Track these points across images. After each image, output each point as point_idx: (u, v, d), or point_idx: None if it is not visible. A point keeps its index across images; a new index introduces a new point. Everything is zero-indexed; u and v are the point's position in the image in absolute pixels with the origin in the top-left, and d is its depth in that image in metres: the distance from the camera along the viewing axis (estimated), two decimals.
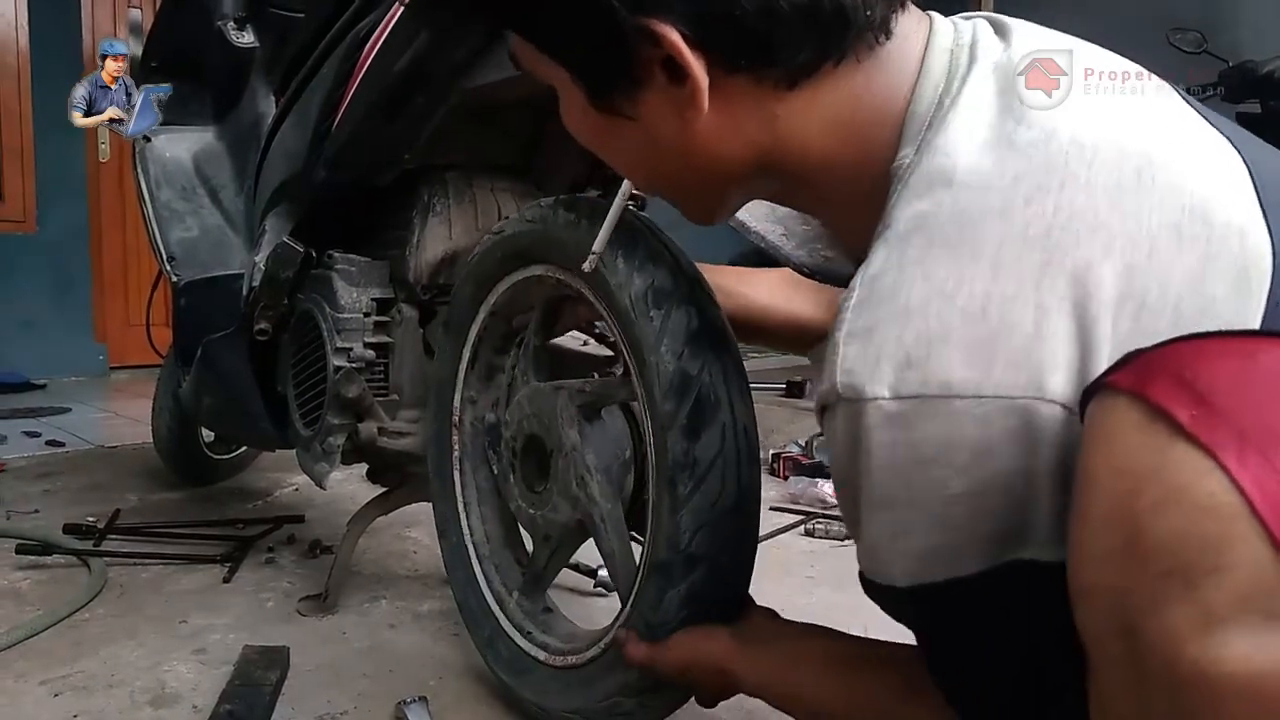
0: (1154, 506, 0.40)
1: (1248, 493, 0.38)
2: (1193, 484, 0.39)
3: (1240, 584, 0.38)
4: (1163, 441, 0.40)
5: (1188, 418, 0.40)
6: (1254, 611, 0.37)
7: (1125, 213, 0.51)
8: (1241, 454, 0.39)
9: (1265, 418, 0.39)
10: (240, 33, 1.93)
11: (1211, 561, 0.38)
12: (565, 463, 1.12)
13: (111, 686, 1.27)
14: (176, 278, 1.96)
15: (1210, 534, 0.38)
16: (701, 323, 0.96)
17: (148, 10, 5.05)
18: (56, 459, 2.82)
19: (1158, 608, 0.39)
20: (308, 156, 1.50)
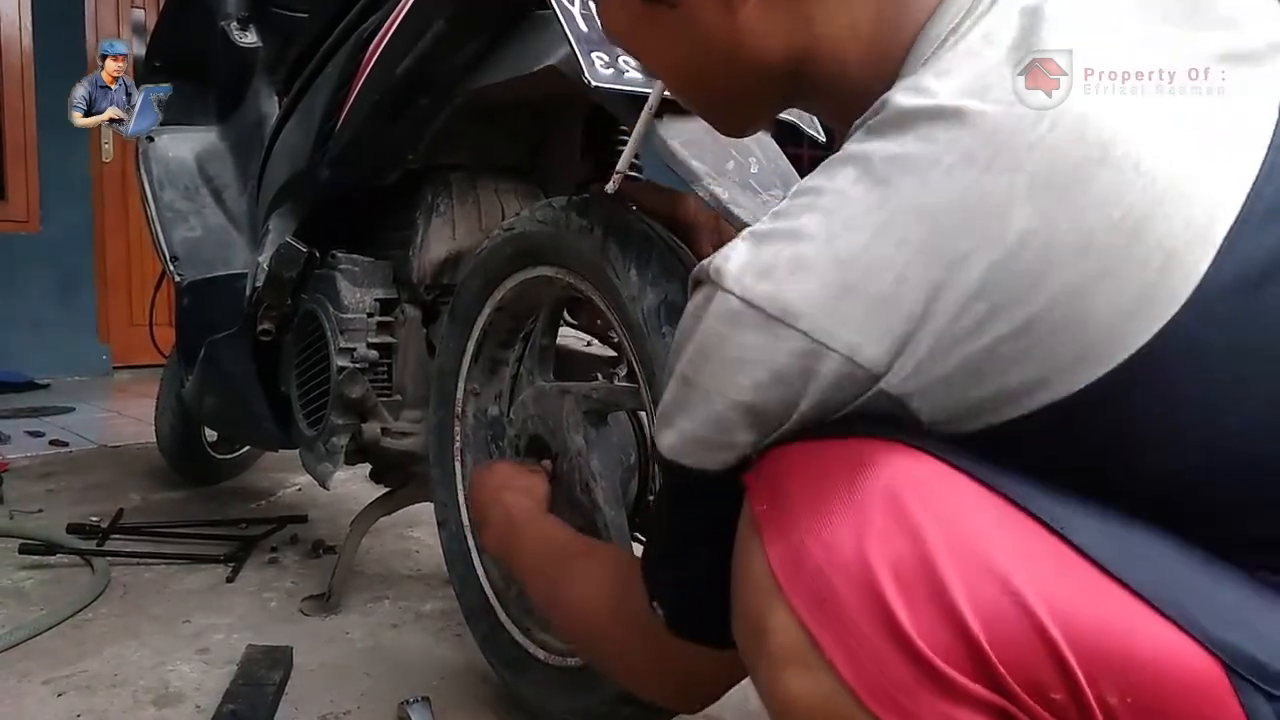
0: (740, 584, 0.53)
1: (774, 571, 0.49)
2: (752, 565, 0.51)
3: (780, 643, 0.49)
4: (748, 534, 0.52)
5: (760, 513, 0.51)
6: (796, 664, 0.48)
7: (1036, 209, 0.49)
8: (775, 538, 0.50)
9: (796, 506, 0.50)
10: (244, 33, 1.93)
11: (762, 627, 0.50)
12: (570, 467, 1.11)
13: (115, 686, 1.28)
14: (180, 277, 1.96)
15: (758, 607, 0.50)
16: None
17: (151, 10, 5.06)
18: (60, 459, 2.83)
19: (753, 662, 0.52)
20: (311, 156, 1.50)
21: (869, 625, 0.46)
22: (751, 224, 0.93)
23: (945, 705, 0.45)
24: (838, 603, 0.47)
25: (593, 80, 0.96)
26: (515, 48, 1.18)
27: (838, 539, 0.48)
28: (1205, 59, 0.55)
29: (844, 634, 0.46)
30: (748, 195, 0.96)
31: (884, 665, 0.45)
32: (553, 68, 1.09)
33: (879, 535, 0.47)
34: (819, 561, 0.48)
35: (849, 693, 0.46)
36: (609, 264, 1.02)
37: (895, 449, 0.50)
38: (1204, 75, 0.57)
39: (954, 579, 0.45)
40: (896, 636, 0.45)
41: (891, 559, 0.46)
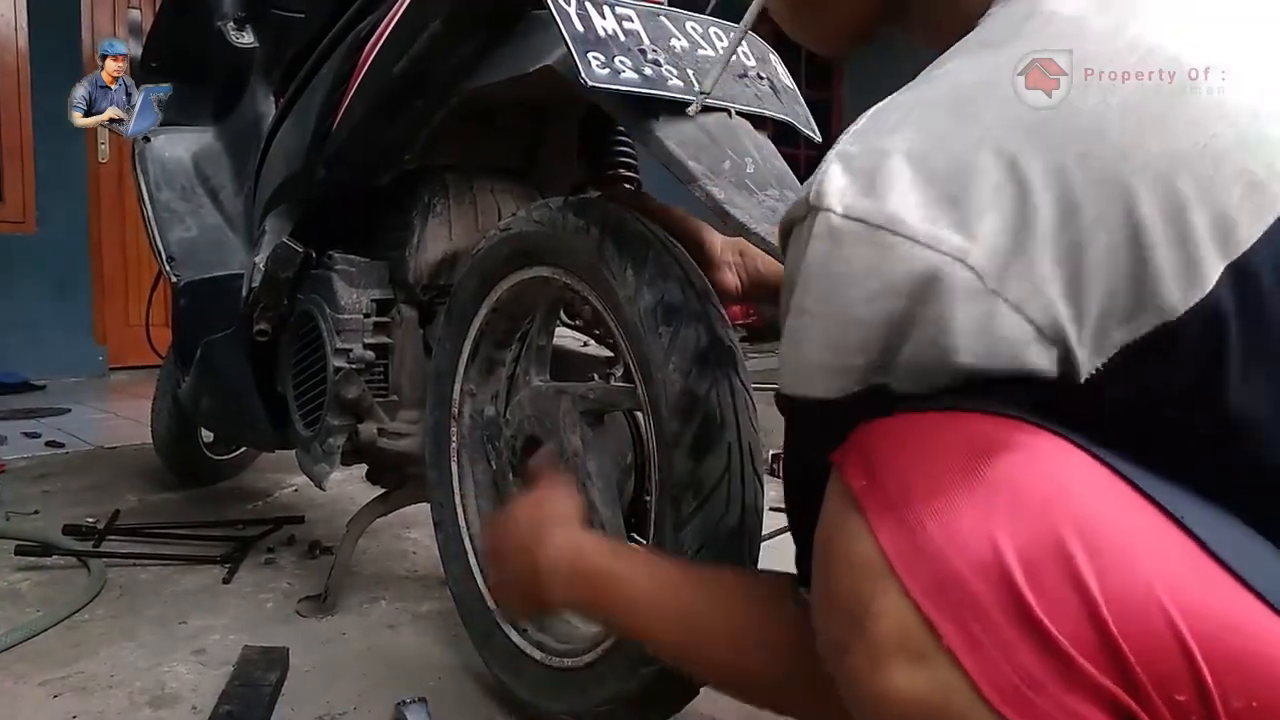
0: (835, 565, 0.49)
1: (885, 552, 0.46)
2: (853, 546, 0.48)
3: (888, 630, 0.46)
4: (844, 511, 0.49)
5: (859, 488, 0.48)
6: (904, 653, 0.45)
7: (1128, 126, 0.50)
8: (883, 517, 0.47)
9: (908, 484, 0.47)
10: (240, 33, 1.93)
11: (867, 611, 0.46)
12: (566, 467, 1.11)
13: (111, 687, 1.27)
14: (176, 278, 1.96)
15: (864, 590, 0.47)
16: (710, 341, 0.95)
17: (147, 11, 5.05)
18: (56, 460, 2.82)
19: (847, 649, 0.48)
20: (307, 157, 1.50)
21: (998, 612, 0.43)
22: (747, 223, 0.93)
23: (1073, 699, 0.42)
24: (962, 587, 0.44)
25: (589, 80, 0.96)
26: (511, 48, 1.18)
27: (962, 520, 0.45)
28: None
29: (968, 621, 0.44)
30: (744, 195, 0.96)
31: (1011, 655, 0.43)
32: (549, 68, 1.10)
33: (1009, 517, 0.44)
34: (941, 543, 0.45)
35: (968, 684, 0.43)
36: (605, 264, 1.02)
37: (1019, 426, 0.47)
38: (1204, 75, 0.58)
39: (1088, 568, 0.43)
40: (1028, 625, 0.43)
41: (1022, 543, 0.44)
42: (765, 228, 0.93)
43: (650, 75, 0.99)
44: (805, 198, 0.56)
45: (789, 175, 1.04)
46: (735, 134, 1.03)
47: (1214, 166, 0.48)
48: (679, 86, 1.00)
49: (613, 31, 1.00)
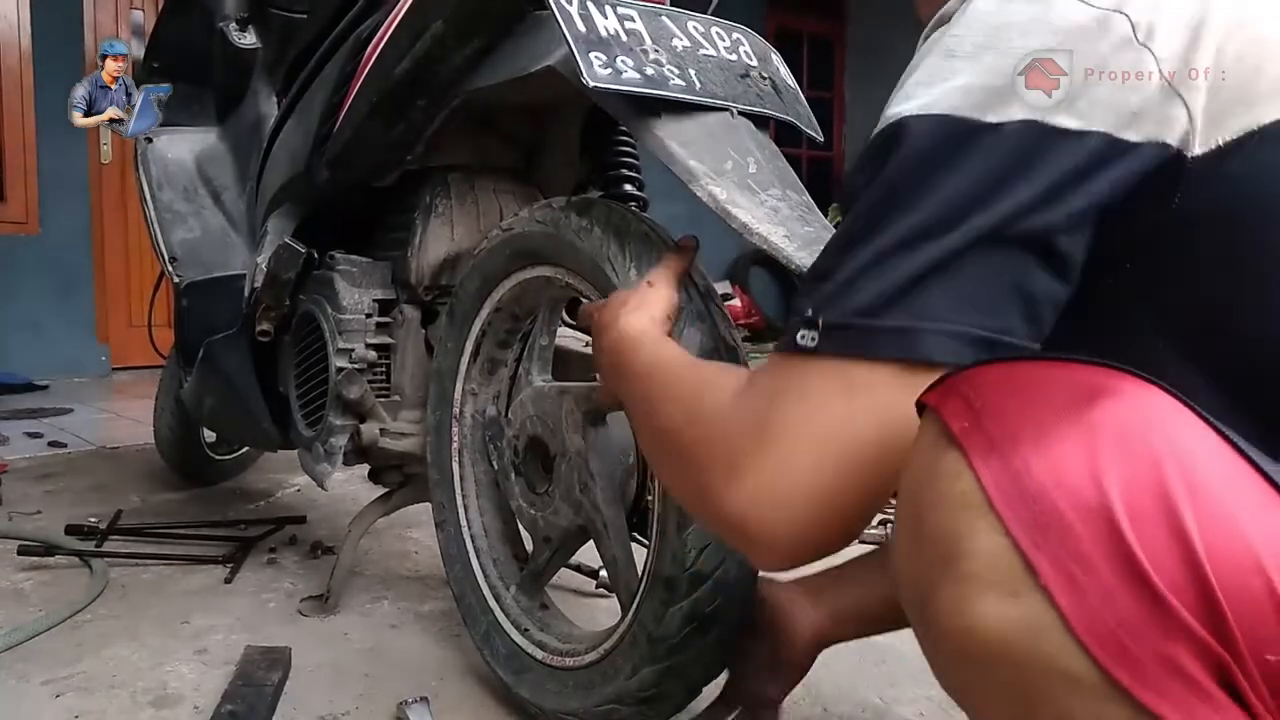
0: (929, 504, 0.48)
1: (987, 490, 0.45)
2: (951, 484, 0.47)
3: (983, 567, 0.45)
4: (941, 450, 0.49)
5: (959, 429, 0.48)
6: (998, 590, 0.45)
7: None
8: (987, 457, 0.46)
9: (1012, 426, 0.47)
10: (242, 34, 1.93)
11: (961, 548, 0.46)
12: (568, 467, 1.12)
13: (113, 687, 1.28)
14: (178, 278, 1.96)
15: (960, 526, 0.46)
16: (714, 341, 0.95)
17: (150, 11, 5.06)
18: (58, 460, 2.82)
19: (935, 587, 0.47)
20: (309, 158, 1.50)
21: (1098, 554, 0.43)
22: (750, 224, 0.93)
23: (1168, 646, 0.42)
24: (1064, 528, 0.44)
25: (590, 80, 0.96)
26: (513, 48, 1.18)
27: (1068, 462, 0.45)
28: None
29: (1067, 559, 0.43)
30: (746, 195, 0.96)
31: (1109, 597, 0.43)
32: (551, 68, 1.10)
33: (1115, 460, 0.44)
34: (1045, 483, 0.45)
35: (1062, 624, 0.43)
36: (608, 263, 1.02)
37: (1125, 378, 0.48)
38: (1203, 74, 0.59)
39: (1190, 516, 0.43)
40: (1128, 567, 0.42)
41: (1127, 485, 0.44)
42: (767, 227, 0.93)
43: (652, 75, 0.99)
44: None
45: (791, 174, 1.04)
46: (737, 134, 1.03)
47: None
48: (681, 86, 1.00)
49: (614, 31, 1.01)
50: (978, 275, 0.57)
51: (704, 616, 0.95)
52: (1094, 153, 0.55)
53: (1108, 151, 0.55)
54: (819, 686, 1.27)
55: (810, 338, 0.59)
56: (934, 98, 0.58)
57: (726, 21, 1.13)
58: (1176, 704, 0.42)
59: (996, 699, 0.47)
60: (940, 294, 0.57)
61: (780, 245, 0.93)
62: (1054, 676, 0.44)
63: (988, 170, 0.56)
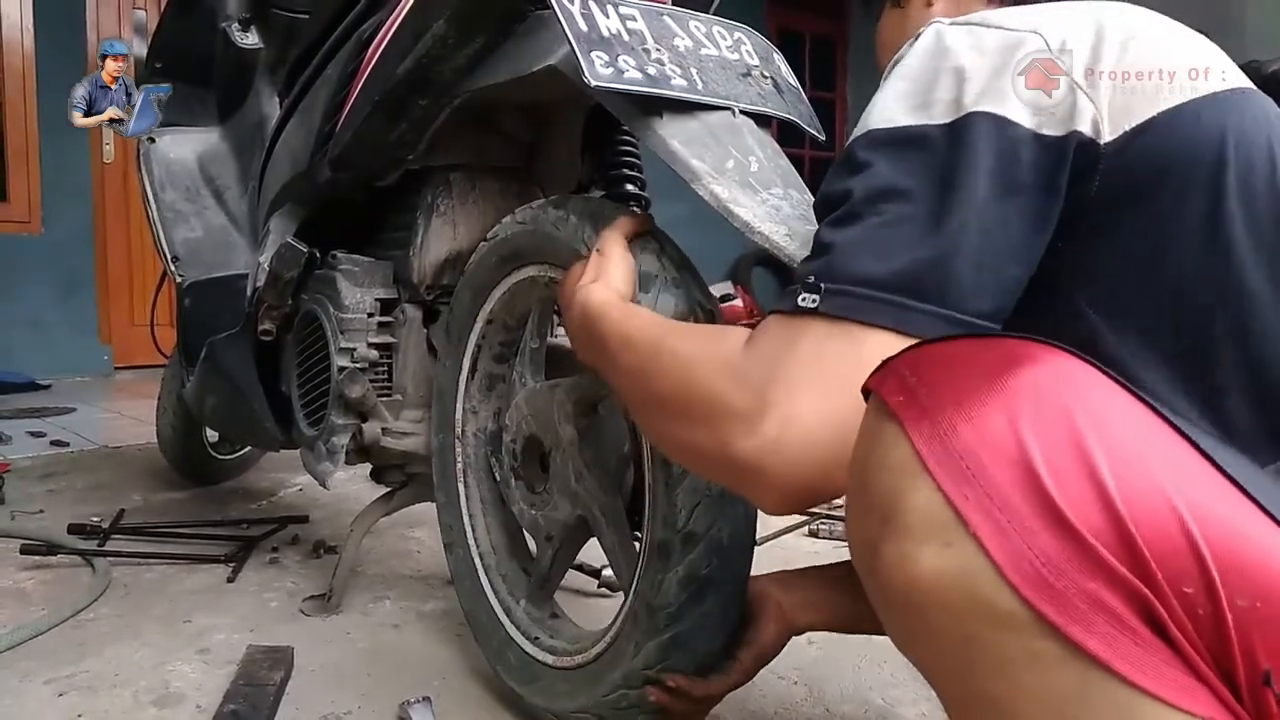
0: (871, 470, 0.53)
1: (919, 451, 0.49)
2: (889, 451, 0.51)
3: (919, 520, 0.49)
4: (880, 423, 0.53)
5: (895, 404, 0.52)
6: (933, 540, 0.48)
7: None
8: (918, 423, 0.50)
9: (941, 394, 0.51)
10: (245, 34, 1.93)
11: (899, 506, 0.50)
12: (563, 459, 1.12)
13: (116, 686, 1.28)
14: (181, 278, 1.96)
15: (898, 486, 0.50)
16: (689, 305, 0.96)
17: (152, 11, 5.06)
18: (61, 459, 2.83)
19: (877, 545, 0.51)
20: (312, 157, 1.50)
21: (1020, 499, 0.46)
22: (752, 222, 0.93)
23: (1091, 583, 0.45)
24: (988, 478, 0.47)
25: (592, 79, 0.96)
26: (515, 47, 1.18)
27: (989, 419, 0.48)
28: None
29: (992, 508, 0.47)
30: (748, 194, 0.96)
31: (1032, 539, 0.46)
32: (552, 67, 1.10)
33: (1031, 417, 0.48)
34: (968, 440, 0.48)
35: (992, 567, 0.46)
36: (584, 247, 1.02)
37: (1042, 347, 0.51)
38: (1204, 75, 0.61)
39: (1103, 463, 0.46)
40: (1048, 511, 0.46)
41: (1044, 439, 0.47)
42: (769, 226, 0.93)
43: (654, 74, 0.99)
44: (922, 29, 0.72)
45: (793, 174, 1.04)
46: (739, 133, 1.03)
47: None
48: (683, 85, 1.00)
49: (616, 31, 1.00)
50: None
51: (700, 580, 0.95)
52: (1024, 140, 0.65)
53: (1038, 144, 0.65)
54: (822, 687, 1.27)
55: (812, 300, 0.66)
56: (891, 107, 0.69)
57: (728, 21, 1.13)
58: (1102, 637, 0.44)
59: (940, 647, 0.50)
60: (928, 275, 0.64)
61: (782, 244, 0.93)
62: (988, 618, 0.47)
63: (943, 164, 0.66)
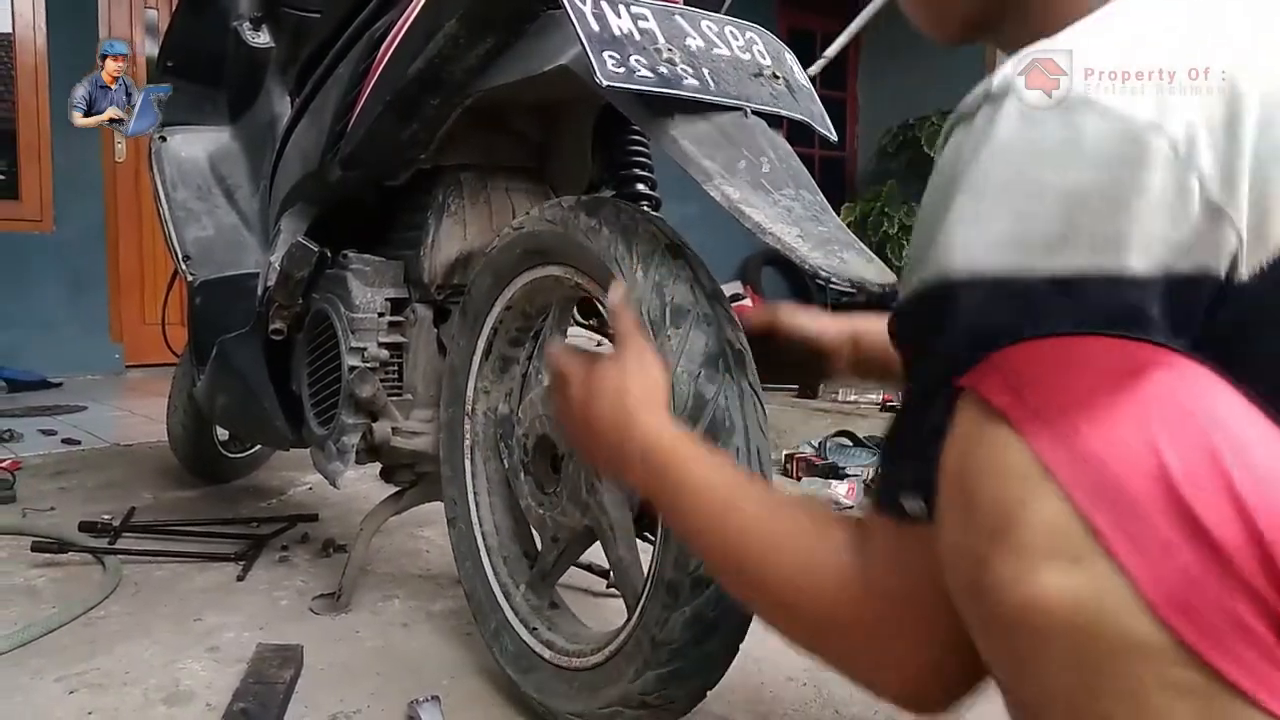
0: (978, 477, 0.48)
1: (1041, 457, 0.46)
2: (1001, 455, 0.47)
3: (1043, 534, 0.45)
4: (984, 425, 0.49)
5: (1002, 404, 0.48)
6: (1058, 556, 0.44)
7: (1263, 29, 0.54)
8: (1036, 427, 0.46)
9: (1057, 397, 0.47)
10: (256, 33, 1.94)
11: (1018, 517, 0.46)
12: (576, 468, 1.11)
13: (126, 684, 1.28)
14: (192, 277, 1.97)
15: (1015, 494, 0.46)
16: (719, 344, 0.95)
17: (164, 11, 5.08)
18: (72, 457, 2.84)
19: (988, 561, 0.47)
20: (322, 156, 1.50)
21: (1158, 514, 0.43)
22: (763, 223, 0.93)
23: (1233, 602, 0.42)
24: (1122, 489, 0.44)
25: (604, 79, 0.96)
26: (527, 47, 1.18)
27: (1120, 428, 0.45)
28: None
29: (1128, 521, 0.43)
30: (759, 194, 0.95)
31: (1173, 555, 0.43)
32: (564, 67, 1.09)
33: (1166, 429, 0.45)
34: (1096, 446, 0.45)
35: (1126, 584, 0.43)
36: (615, 264, 1.01)
37: (1168, 353, 0.47)
38: (1204, 75, 0.58)
39: (1245, 483, 0.43)
40: (1190, 526, 0.43)
41: (1181, 453, 0.44)
42: (781, 227, 0.93)
43: (665, 74, 0.99)
44: (984, 90, 0.56)
45: (805, 174, 1.04)
46: (751, 133, 1.02)
47: None
48: (694, 85, 1.00)
49: (628, 30, 1.00)
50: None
51: (707, 623, 0.94)
52: (1158, 293, 0.51)
53: (1168, 288, 0.51)
54: (831, 688, 1.27)
55: (919, 509, 0.57)
56: (978, 252, 0.54)
57: (740, 20, 1.13)
58: (1245, 666, 0.42)
59: (1057, 673, 0.46)
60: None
61: (794, 245, 0.93)
62: (1120, 642, 0.43)
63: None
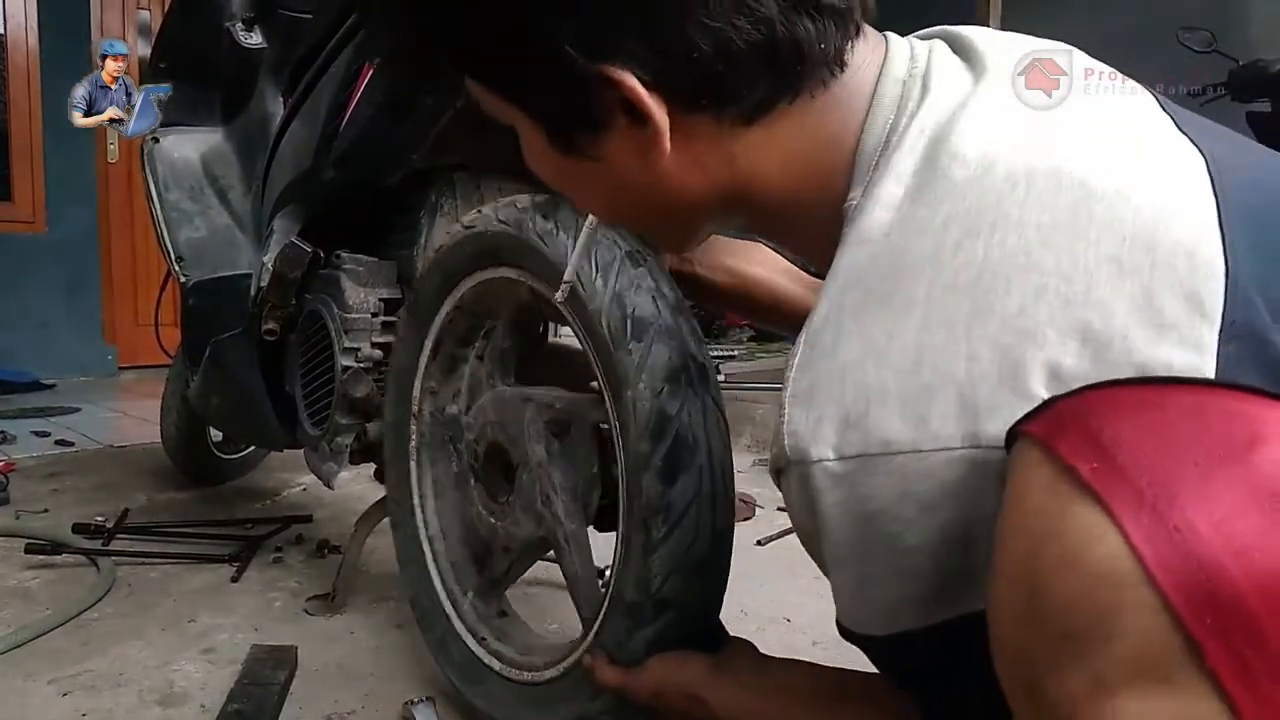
0: (1053, 568, 0.40)
1: (1142, 556, 0.38)
2: (1088, 546, 0.39)
3: (1132, 651, 0.38)
4: (1065, 499, 0.40)
5: (1089, 472, 0.40)
6: (1145, 678, 0.37)
7: (1059, 251, 0.49)
8: (1137, 513, 0.38)
9: (1164, 473, 0.39)
10: (249, 33, 1.93)
11: (1104, 628, 0.38)
12: (530, 478, 1.07)
13: (120, 686, 1.28)
14: (185, 278, 1.96)
15: (1103, 600, 0.38)
16: (682, 358, 0.91)
17: (156, 11, 5.07)
18: (65, 458, 2.83)
19: (1056, 669, 0.40)
20: (315, 157, 1.50)
21: (1276, 634, 0.36)
22: None
23: None
24: (1240, 605, 0.36)
25: None
26: None
27: (1242, 522, 0.37)
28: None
29: (1242, 644, 0.36)
30: None
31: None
32: None
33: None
34: (1215, 549, 0.37)
35: (1228, 713, 0.36)
36: (574, 279, 0.96)
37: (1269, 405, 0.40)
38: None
39: None
40: None
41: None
42: None
43: None
44: (780, 453, 0.53)
45: None
46: None
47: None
48: None
49: None
50: None
51: (668, 643, 0.90)
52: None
53: None
54: None
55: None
56: (869, 622, 0.56)
57: None
58: None
59: None
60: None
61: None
62: None
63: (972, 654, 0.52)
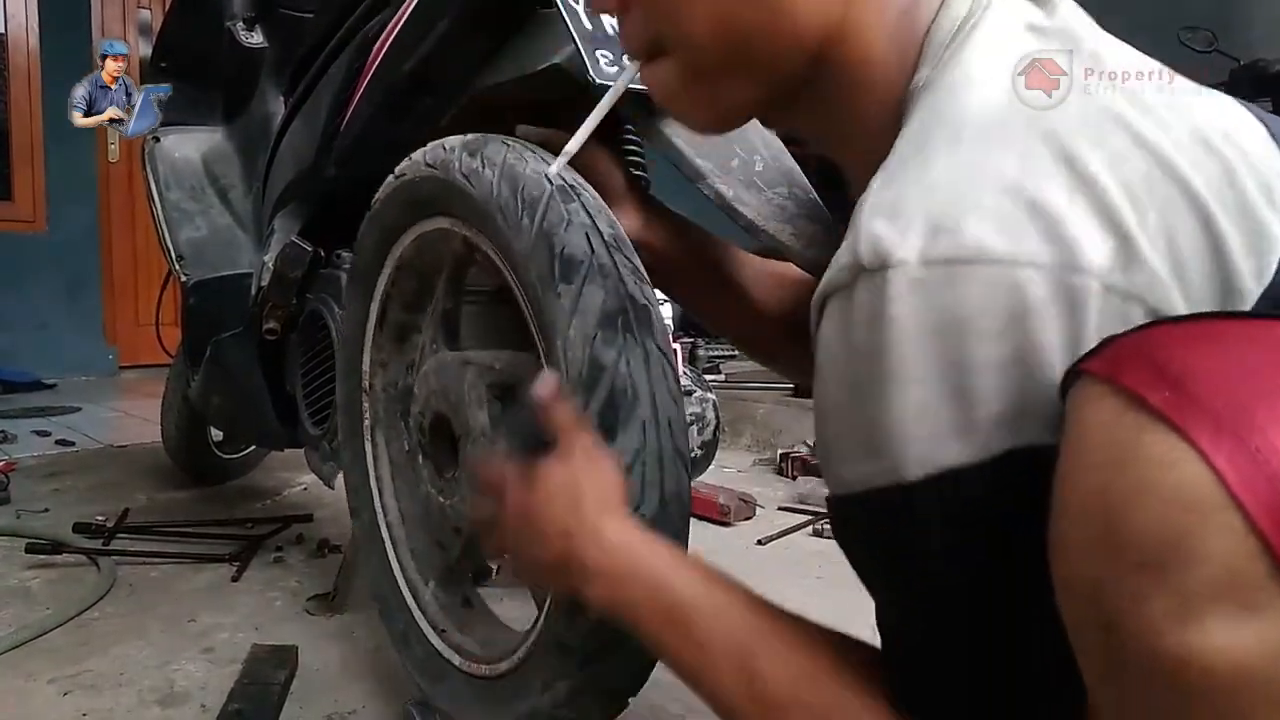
0: (1128, 496, 0.39)
1: (1225, 479, 0.37)
2: (1165, 472, 0.38)
3: (1216, 574, 0.37)
4: (1136, 428, 0.39)
5: (1161, 401, 0.38)
6: (1231, 601, 0.36)
7: (1150, 116, 0.50)
8: (1216, 437, 0.37)
9: (1240, 399, 0.38)
10: (249, 33, 1.93)
11: (1187, 554, 0.37)
12: (474, 448, 1.00)
13: (120, 685, 1.28)
14: (185, 277, 1.96)
15: (1184, 524, 0.37)
16: (619, 300, 0.82)
17: (157, 11, 5.08)
18: (66, 458, 2.83)
19: (1135, 601, 0.38)
20: (316, 156, 1.50)
21: None
22: (756, 220, 0.93)
23: None
24: None
25: (597, 78, 0.96)
26: (520, 46, 1.18)
27: None
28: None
29: None
30: (752, 193, 0.95)
31: None
32: (557, 66, 1.09)
33: None
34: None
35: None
36: (499, 212, 0.89)
37: None
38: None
39: None
40: None
41: None
42: (774, 225, 0.92)
43: None
44: (853, 261, 0.49)
45: (797, 173, 1.04)
46: (743, 131, 1.02)
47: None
48: None
49: None
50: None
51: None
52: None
53: None
54: None
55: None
56: (912, 457, 0.49)
57: None
58: None
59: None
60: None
61: (787, 242, 0.92)
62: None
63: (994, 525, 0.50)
